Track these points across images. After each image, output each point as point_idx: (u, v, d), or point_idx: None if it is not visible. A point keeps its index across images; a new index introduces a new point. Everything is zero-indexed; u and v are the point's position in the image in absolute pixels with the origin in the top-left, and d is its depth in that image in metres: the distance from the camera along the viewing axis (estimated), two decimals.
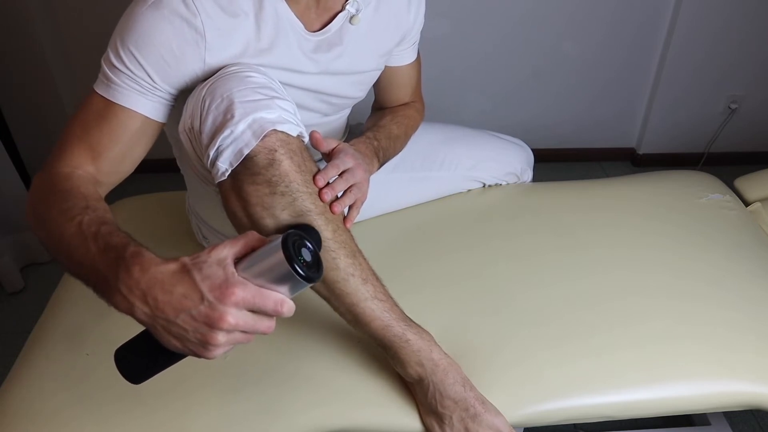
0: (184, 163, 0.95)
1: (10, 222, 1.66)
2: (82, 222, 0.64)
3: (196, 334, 0.57)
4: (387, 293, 0.81)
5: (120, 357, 0.64)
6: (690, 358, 0.89)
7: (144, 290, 0.57)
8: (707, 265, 1.03)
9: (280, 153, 0.71)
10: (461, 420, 0.78)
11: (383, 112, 1.08)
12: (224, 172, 0.71)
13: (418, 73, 1.10)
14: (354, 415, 0.83)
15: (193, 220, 1.05)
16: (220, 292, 0.56)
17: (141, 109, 0.76)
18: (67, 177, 0.73)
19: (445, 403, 0.79)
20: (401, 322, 0.80)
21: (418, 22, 0.99)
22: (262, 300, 0.57)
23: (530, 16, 1.94)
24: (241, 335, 0.58)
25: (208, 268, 0.57)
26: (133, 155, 0.79)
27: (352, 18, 0.87)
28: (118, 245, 0.60)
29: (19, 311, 1.64)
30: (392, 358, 0.81)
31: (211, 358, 0.59)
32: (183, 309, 0.56)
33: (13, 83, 1.85)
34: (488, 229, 1.13)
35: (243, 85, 0.72)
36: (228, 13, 0.76)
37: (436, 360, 0.80)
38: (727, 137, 2.16)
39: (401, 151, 1.07)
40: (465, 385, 0.80)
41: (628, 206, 1.18)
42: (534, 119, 2.15)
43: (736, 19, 1.92)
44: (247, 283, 0.57)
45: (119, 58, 0.74)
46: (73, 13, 1.82)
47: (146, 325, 0.60)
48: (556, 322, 0.94)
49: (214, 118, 0.71)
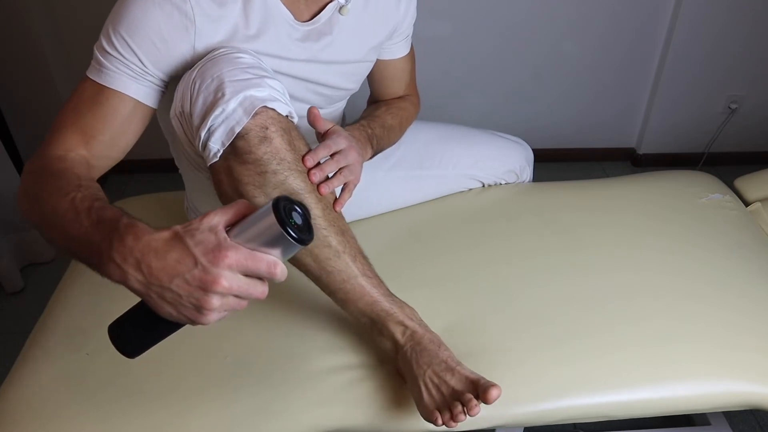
0: (179, 154, 0.95)
1: (10, 222, 1.66)
2: (75, 198, 0.65)
3: (191, 298, 0.57)
4: (373, 271, 0.84)
5: (114, 331, 0.64)
6: (690, 358, 0.89)
7: (138, 258, 0.57)
8: (707, 265, 1.03)
9: (271, 130, 0.72)
10: (434, 374, 0.78)
11: (378, 103, 1.09)
12: (216, 152, 0.72)
13: (412, 66, 1.11)
14: (354, 415, 0.83)
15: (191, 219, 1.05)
16: (213, 256, 0.56)
17: (132, 93, 0.77)
18: (61, 159, 0.74)
19: (420, 362, 0.80)
20: (387, 298, 0.83)
21: (410, 15, 1.00)
22: (255, 262, 0.57)
23: (530, 17, 1.94)
24: (235, 300, 0.58)
25: (201, 234, 0.57)
26: (124, 140, 0.80)
27: (342, 8, 0.88)
28: (112, 218, 0.61)
29: (19, 311, 1.64)
30: (378, 332, 0.84)
31: (205, 323, 0.59)
32: (177, 274, 0.57)
33: (12, 83, 1.85)
34: (488, 229, 1.13)
35: (232, 65, 0.74)
36: (216, 1, 0.78)
37: (414, 327, 0.82)
38: (727, 137, 2.16)
39: (396, 142, 1.08)
40: (440, 346, 0.81)
41: (628, 206, 1.18)
42: (534, 119, 2.16)
43: (736, 19, 1.92)
44: (240, 247, 0.57)
45: (111, 44, 0.75)
46: (73, 12, 1.82)
47: (140, 293, 0.59)
48: (555, 321, 0.94)
49: (204, 99, 0.72)
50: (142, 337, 0.64)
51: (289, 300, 0.95)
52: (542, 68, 2.05)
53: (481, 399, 0.74)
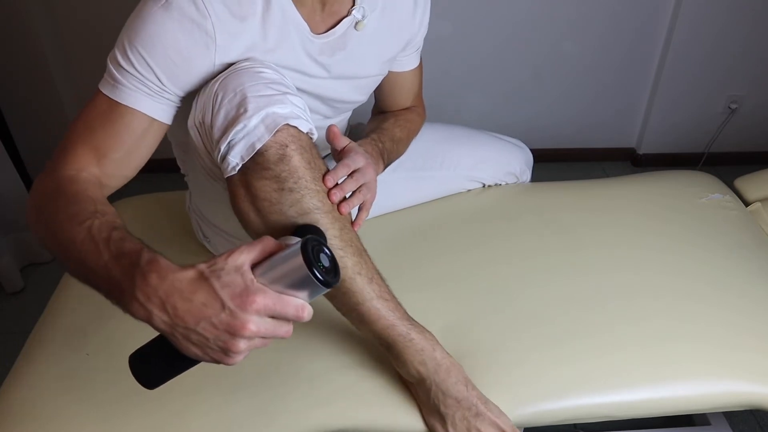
0: (188, 160, 0.95)
1: (10, 222, 1.66)
2: (92, 227, 0.63)
3: (218, 341, 0.57)
4: (391, 293, 0.81)
5: (135, 362, 0.63)
6: (690, 358, 0.89)
7: (162, 298, 0.57)
8: (707, 265, 1.03)
9: (291, 148, 0.71)
10: (464, 419, 0.78)
11: (385, 115, 1.08)
12: (235, 166, 0.71)
13: (420, 78, 1.10)
14: (354, 415, 0.83)
15: (193, 219, 1.05)
16: (241, 300, 0.56)
17: (148, 111, 0.75)
18: (73, 180, 0.72)
19: (448, 402, 0.79)
20: (405, 322, 0.80)
21: (423, 28, 0.99)
22: (283, 307, 0.57)
23: (530, 17, 1.94)
24: (260, 341, 0.59)
25: (227, 276, 0.56)
26: (137, 157, 0.78)
27: (357, 24, 0.86)
28: (132, 252, 0.60)
29: (19, 311, 1.64)
30: (395, 358, 0.81)
31: (231, 365, 0.59)
32: (203, 317, 0.56)
33: (12, 83, 1.85)
34: (488, 229, 1.13)
35: (255, 80, 0.72)
36: (237, 16, 0.75)
37: (438, 359, 0.80)
38: (727, 137, 2.16)
39: (403, 154, 1.07)
40: (467, 385, 0.80)
41: (628, 206, 1.18)
42: (534, 119, 2.16)
43: (736, 19, 1.92)
44: (267, 290, 0.57)
45: (127, 59, 0.73)
46: (73, 12, 1.82)
47: (165, 333, 0.59)
48: (555, 321, 0.94)
49: (226, 113, 0.71)
50: (163, 371, 0.64)
51: None
52: (542, 68, 2.05)
53: None
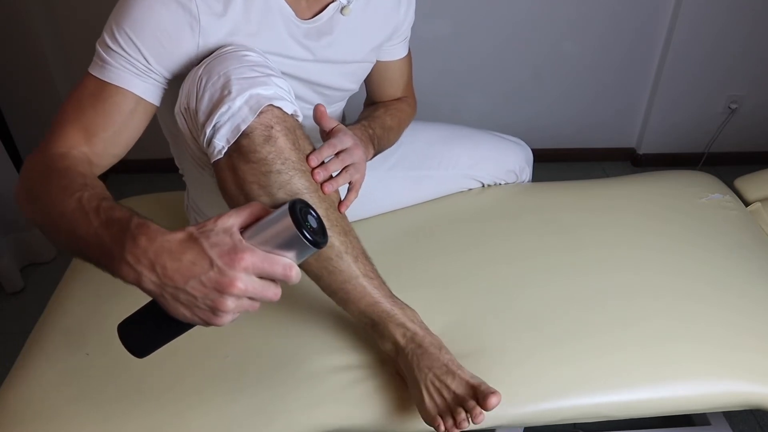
0: (181, 153, 0.95)
1: (10, 222, 1.66)
2: (82, 197, 0.64)
3: (206, 300, 0.57)
4: (376, 271, 0.83)
5: (124, 330, 0.64)
6: (690, 358, 0.89)
7: (152, 259, 0.57)
8: (707, 265, 1.03)
9: (276, 129, 0.72)
10: (435, 378, 0.78)
11: (376, 105, 1.09)
12: (221, 149, 0.72)
13: (409, 68, 1.11)
14: (354, 415, 0.83)
15: (191, 218, 1.05)
16: (229, 258, 0.56)
17: (135, 90, 0.76)
18: (63, 156, 0.73)
19: (421, 365, 0.79)
20: (389, 299, 0.83)
21: (409, 17, 1.00)
22: (271, 265, 0.58)
23: (530, 17, 1.94)
24: (249, 302, 0.59)
25: (216, 236, 0.57)
26: (126, 137, 0.79)
27: (343, 9, 0.88)
28: (122, 218, 0.61)
29: (19, 311, 1.64)
30: (379, 335, 0.84)
31: (219, 325, 0.60)
32: (192, 275, 0.57)
33: (12, 83, 1.85)
34: (488, 229, 1.13)
35: (239, 63, 0.73)
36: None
37: (416, 330, 0.82)
38: (727, 137, 2.16)
39: (394, 143, 1.08)
40: (441, 349, 0.81)
41: (628, 206, 1.18)
42: (534, 119, 2.15)
43: (736, 19, 1.92)
44: (256, 249, 0.57)
45: (114, 40, 0.74)
46: (73, 12, 1.82)
47: (154, 294, 0.59)
48: (555, 321, 0.94)
49: (210, 95, 0.72)
50: (152, 337, 0.64)
51: (289, 300, 0.95)
52: (542, 68, 2.05)
53: (480, 405, 0.74)
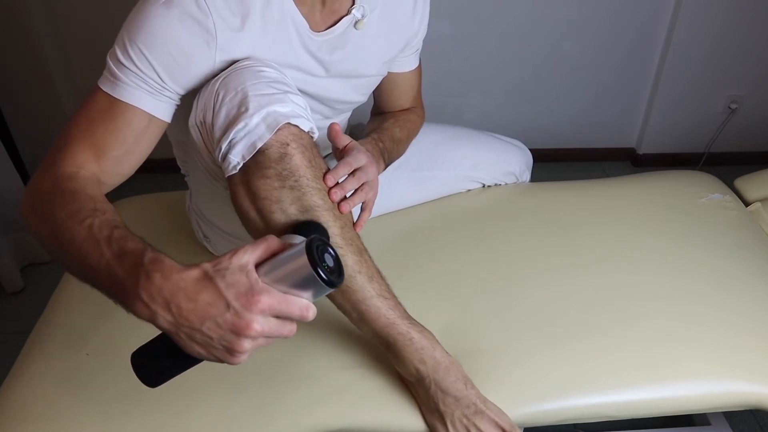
0: (189, 160, 0.95)
1: (10, 222, 1.66)
2: (92, 225, 0.63)
3: (222, 341, 0.57)
4: (391, 291, 0.81)
5: (138, 361, 0.63)
6: (690, 358, 0.89)
7: (167, 298, 0.56)
8: (707, 265, 1.03)
9: (292, 147, 0.71)
10: (463, 417, 0.78)
11: (385, 116, 1.08)
12: (236, 165, 0.71)
13: (419, 80, 1.10)
14: (354, 415, 0.83)
15: (193, 219, 1.05)
16: (246, 300, 0.55)
17: (148, 108, 0.75)
18: (72, 177, 0.71)
19: (447, 401, 0.79)
20: (405, 320, 0.80)
21: (422, 30, 0.99)
22: (288, 306, 0.57)
23: (531, 17, 1.94)
24: (265, 340, 0.58)
25: (231, 275, 0.56)
26: (136, 155, 0.78)
27: (357, 23, 0.86)
28: (135, 251, 0.59)
29: (19, 311, 1.64)
30: (394, 357, 0.81)
31: (235, 364, 0.59)
32: (208, 317, 0.56)
33: (13, 83, 1.85)
34: (488, 229, 1.13)
35: (256, 78, 0.72)
36: (237, 14, 0.75)
37: (438, 358, 0.80)
38: (727, 137, 2.16)
39: (403, 154, 1.07)
40: (466, 384, 0.80)
41: (628, 206, 1.18)
42: (534, 119, 2.16)
43: (737, 19, 1.92)
44: (272, 290, 0.57)
45: (127, 56, 0.72)
46: (73, 13, 1.82)
47: (169, 333, 0.59)
48: (555, 322, 0.94)
49: (227, 111, 0.71)
50: (166, 370, 0.64)
51: None
52: (542, 68, 2.05)
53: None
